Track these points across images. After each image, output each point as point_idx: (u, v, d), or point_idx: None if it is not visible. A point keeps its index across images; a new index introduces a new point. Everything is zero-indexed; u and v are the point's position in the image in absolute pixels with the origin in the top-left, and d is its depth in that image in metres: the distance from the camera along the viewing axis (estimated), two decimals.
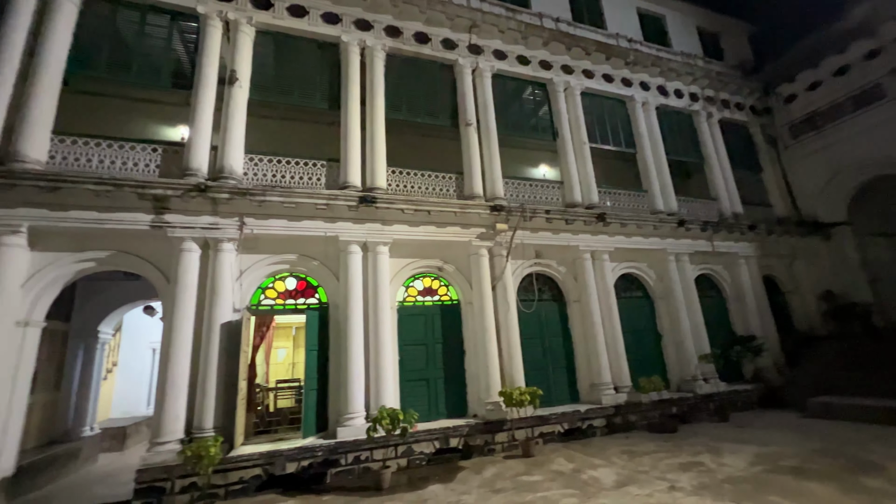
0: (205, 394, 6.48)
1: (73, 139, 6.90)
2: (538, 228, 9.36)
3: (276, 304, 7.84)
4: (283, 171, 7.94)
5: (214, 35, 7.95)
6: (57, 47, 6.94)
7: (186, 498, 5.86)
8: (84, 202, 6.50)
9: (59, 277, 6.67)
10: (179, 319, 6.64)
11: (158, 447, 6.11)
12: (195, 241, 6.97)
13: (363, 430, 6.66)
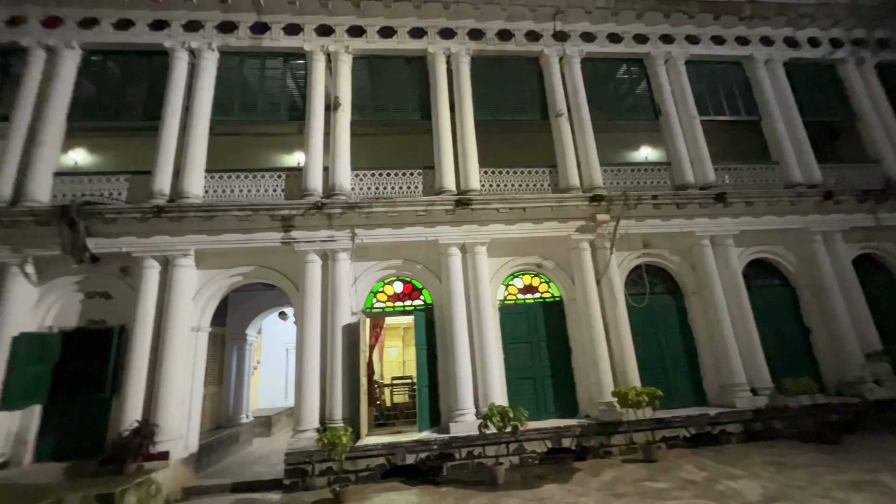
0: (333, 388, 7.27)
1: (219, 175, 8.28)
2: (645, 216, 8.67)
3: (386, 306, 8.46)
4: (385, 182, 8.54)
5: (319, 68, 8.88)
6: (204, 101, 8.43)
7: (325, 480, 6.64)
8: (231, 226, 7.76)
9: (218, 290, 8.06)
10: (308, 322, 7.55)
11: (299, 434, 7.02)
12: (316, 252, 7.86)
13: (474, 427, 6.86)
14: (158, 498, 6.25)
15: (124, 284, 7.78)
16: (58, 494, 5.39)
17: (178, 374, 7.23)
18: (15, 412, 7.03)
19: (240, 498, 6.51)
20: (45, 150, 7.84)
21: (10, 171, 7.63)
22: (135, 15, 8.70)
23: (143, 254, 7.53)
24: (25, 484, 5.98)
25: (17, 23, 8.48)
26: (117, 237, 7.58)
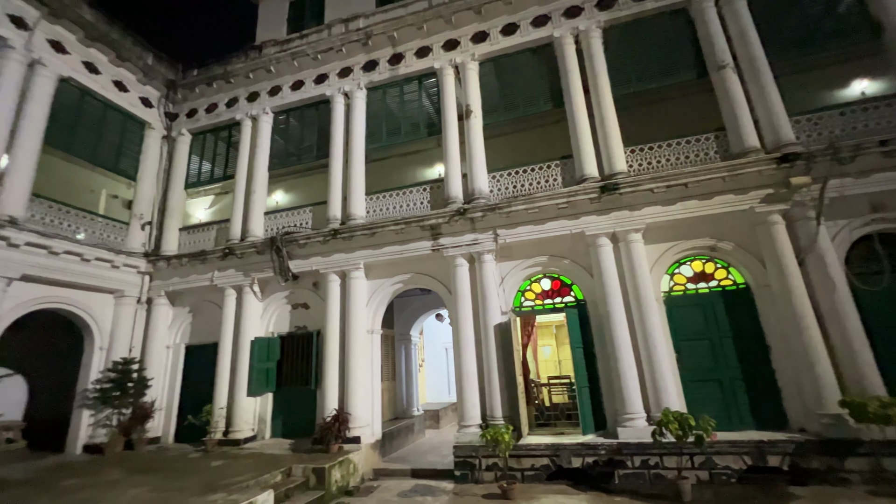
0: (490, 386, 7.47)
1: (376, 195, 9.40)
2: (868, 170, 6.57)
3: (535, 304, 8.33)
4: (522, 180, 8.46)
5: (449, 82, 9.34)
6: (358, 134, 9.75)
7: (491, 475, 6.85)
8: (389, 239, 8.73)
9: (384, 296, 9.15)
10: (462, 324, 7.94)
11: (464, 429, 7.41)
12: (463, 256, 8.24)
13: (646, 433, 6.19)
14: (356, 475, 7.36)
15: (317, 296, 9.49)
16: (288, 464, 6.83)
17: (361, 370, 8.45)
18: (257, 398, 9.23)
19: (419, 483, 7.19)
20: (256, 197, 10.13)
21: (238, 217, 10.08)
22: (304, 75, 10.59)
23: (326, 270, 9.06)
24: (268, 454, 7.76)
25: (232, 104, 11.22)
26: (308, 258, 9.29)
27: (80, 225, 9.34)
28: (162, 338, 10.23)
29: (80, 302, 9.22)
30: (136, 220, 10.54)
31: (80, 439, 8.87)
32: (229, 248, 9.72)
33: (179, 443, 9.44)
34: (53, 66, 8.97)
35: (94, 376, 9.27)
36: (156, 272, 10.46)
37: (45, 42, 8.91)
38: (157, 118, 11.40)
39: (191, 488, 5.70)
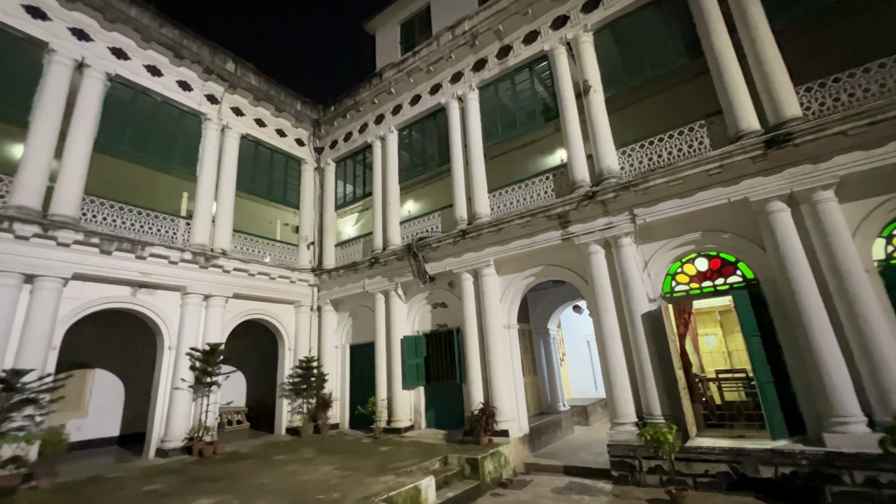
0: (644, 381, 6.80)
1: (498, 192, 9.44)
2: None
3: (690, 288, 7.30)
4: (658, 150, 7.51)
5: (562, 61, 8.86)
6: (475, 135, 9.93)
7: (656, 479, 6.22)
8: (516, 234, 8.67)
9: (517, 291, 9.12)
10: (603, 314, 7.42)
11: (617, 427, 6.90)
12: (597, 243, 7.70)
13: (869, 441, 4.87)
14: (507, 468, 7.48)
15: (453, 295, 9.97)
16: (444, 453, 7.31)
17: (502, 365, 8.57)
18: (411, 391, 10.12)
19: (573, 481, 6.95)
20: (392, 209, 11.14)
21: (379, 229, 11.22)
22: (419, 89, 11.28)
23: (459, 269, 9.45)
24: (425, 443, 8.44)
25: (363, 129, 12.57)
26: (441, 260, 9.83)
27: (265, 250, 11.59)
28: (331, 339, 12.01)
29: (272, 312, 11.43)
30: (303, 242, 12.61)
31: (283, 423, 10.98)
32: (374, 257, 10.90)
33: (353, 429, 10.93)
34: (236, 128, 11.34)
35: (287, 372, 11.37)
36: (321, 284, 12.35)
37: (229, 109, 11.32)
38: (309, 154, 13.46)
39: (367, 469, 6.54)
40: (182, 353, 9.11)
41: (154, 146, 9.77)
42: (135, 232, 8.96)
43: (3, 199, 7.39)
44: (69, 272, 7.72)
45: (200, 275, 9.69)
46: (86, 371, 10.40)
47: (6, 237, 7.12)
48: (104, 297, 8.37)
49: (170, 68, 10.16)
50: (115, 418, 10.83)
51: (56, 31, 8.41)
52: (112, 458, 9.00)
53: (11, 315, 7.06)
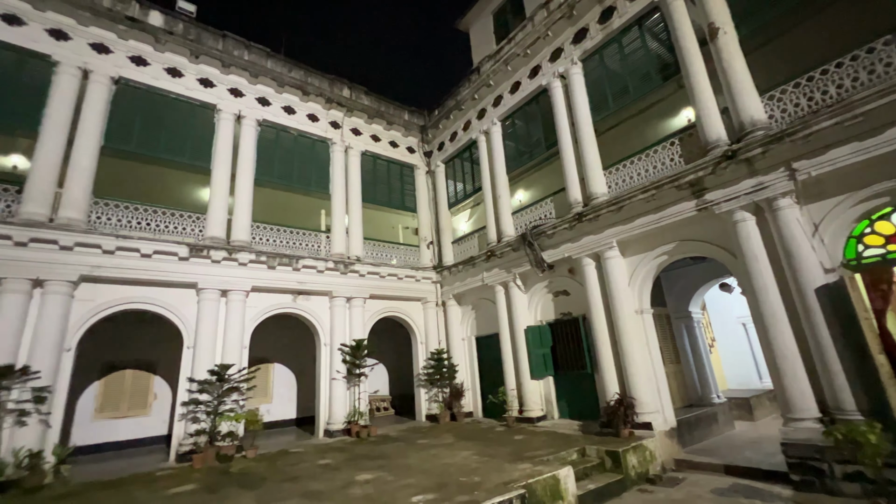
0: (826, 368, 5.61)
1: (614, 168, 8.74)
2: None
3: (887, 252, 5.76)
4: (823, 86, 6.08)
5: (678, 7, 7.74)
6: (582, 109, 9.32)
7: (855, 488, 5.10)
8: (640, 210, 7.92)
9: (648, 273, 8.33)
10: (760, 291, 6.32)
11: (793, 423, 5.83)
12: (743, 209, 6.59)
13: None
14: (654, 463, 6.91)
15: (574, 282, 9.58)
16: (580, 444, 7.10)
17: (637, 353, 7.94)
18: (540, 381, 10.05)
19: (738, 483, 6.10)
20: (502, 201, 11.17)
21: (492, 222, 11.36)
22: (518, 76, 11.06)
23: (578, 255, 9.02)
24: (560, 433, 8.31)
25: (467, 127, 12.85)
26: (558, 246, 9.52)
27: (391, 253, 12.69)
28: (457, 332, 12.59)
29: (402, 309, 12.47)
30: (422, 242, 13.47)
31: (423, 410, 11.91)
32: (490, 250, 11.07)
33: (487, 417, 11.30)
34: (357, 147, 12.64)
35: (421, 364, 12.29)
36: (443, 280, 13.03)
37: (349, 131, 12.66)
38: (420, 159, 14.29)
39: (503, 456, 6.73)
40: (335, 348, 10.55)
41: (296, 173, 11.49)
42: (290, 248, 10.68)
43: (201, 232, 9.50)
44: (249, 286, 9.59)
45: (342, 280, 11.09)
46: (268, 365, 12.76)
47: (205, 262, 9.16)
48: (273, 304, 10.16)
49: (300, 105, 11.81)
50: (291, 403, 13.08)
51: (219, 94, 10.47)
52: (292, 436, 10.90)
53: (216, 321, 9.07)
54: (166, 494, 5.80)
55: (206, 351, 8.77)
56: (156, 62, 9.75)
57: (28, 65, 8.42)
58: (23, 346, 7.15)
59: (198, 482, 6.39)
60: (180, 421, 8.26)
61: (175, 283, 8.89)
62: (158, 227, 9.06)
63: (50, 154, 8.07)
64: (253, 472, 6.81)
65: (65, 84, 8.52)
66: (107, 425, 10.23)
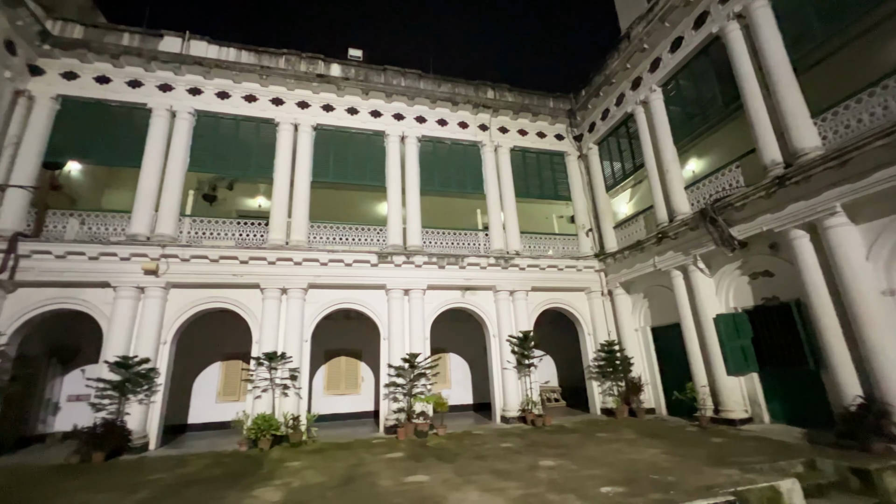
0: None
1: (829, 113, 6.89)
2: None
3: None
4: None
5: None
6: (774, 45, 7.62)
7: None
8: (878, 161, 6.07)
9: None
10: None
11: None
12: None
13: None
14: None
15: (778, 260, 7.94)
16: (807, 456, 5.86)
17: (889, 346, 6.11)
18: (739, 378, 8.64)
19: None
20: (671, 175, 9.95)
21: (660, 200, 10.24)
22: (681, 28, 9.72)
23: (783, 227, 7.43)
24: (775, 440, 7.00)
25: (620, 101, 11.86)
26: (752, 219, 8.01)
27: (547, 245, 12.63)
28: (628, 322, 11.74)
29: (565, 300, 12.27)
30: (580, 231, 12.98)
31: (597, 403, 11.50)
32: (661, 232, 10.00)
33: (672, 415, 10.24)
34: (505, 144, 12.98)
35: (591, 355, 11.88)
36: (607, 268, 12.32)
37: (496, 131, 13.08)
38: (570, 145, 13.80)
39: (699, 457, 6.06)
40: (503, 339, 11.09)
41: (453, 179, 12.47)
42: (454, 249, 11.66)
43: (384, 241, 11.19)
44: (425, 284, 10.88)
45: (503, 274, 11.57)
46: (445, 354, 14.16)
47: (389, 266, 10.74)
48: (446, 300, 11.26)
49: (451, 116, 12.76)
50: (467, 390, 14.22)
51: (386, 121, 12.13)
52: (471, 419, 11.86)
53: (402, 316, 10.57)
54: (384, 458, 7.10)
55: (398, 342, 10.31)
56: (339, 106, 11.89)
57: (261, 128, 11.30)
58: (279, 337, 9.68)
59: (404, 451, 7.60)
60: (384, 400, 9.92)
61: (369, 286, 10.71)
62: (354, 241, 11.04)
63: (280, 193, 10.67)
64: (446, 448, 7.74)
65: (284, 138, 11.14)
66: (332, 400, 12.94)
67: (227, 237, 10.31)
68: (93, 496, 5.38)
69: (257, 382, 9.19)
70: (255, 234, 10.49)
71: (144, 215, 9.63)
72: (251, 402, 9.14)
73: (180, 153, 10.32)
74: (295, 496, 5.11)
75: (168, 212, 9.83)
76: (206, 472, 6.55)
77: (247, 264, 9.87)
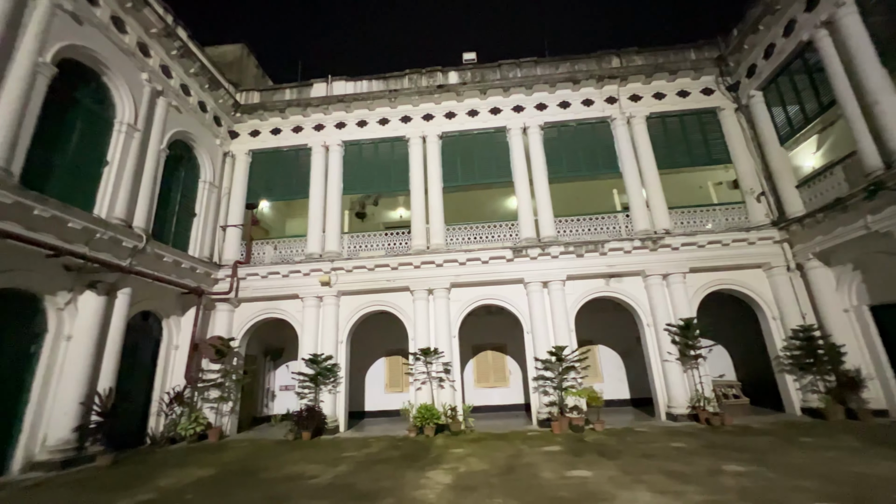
0: None
1: None
2: None
3: None
4: None
5: None
6: None
7: None
8: None
9: None
10: None
11: None
12: None
13: None
14: None
15: None
16: None
17: None
18: None
19: None
20: (881, 107, 7.62)
21: (867, 141, 7.93)
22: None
23: None
24: None
25: (789, 29, 9.58)
26: None
27: (704, 218, 10.93)
28: (832, 302, 9.37)
29: (737, 280, 10.44)
30: (748, 196, 10.88)
31: (795, 401, 9.47)
32: (874, 182, 7.71)
33: None
34: (639, 113, 11.71)
35: (779, 344, 9.86)
36: (791, 237, 10.08)
37: (626, 100, 11.88)
38: (722, 98, 11.71)
39: None
40: (659, 328, 10.01)
41: (583, 161, 11.76)
42: (592, 235, 11.01)
43: (516, 235, 11.19)
44: (564, 275, 10.53)
45: (652, 257, 10.44)
46: (593, 346, 13.44)
47: (525, 259, 10.69)
48: (588, 290, 10.69)
49: (573, 96, 12.08)
50: (622, 383, 13.22)
51: (506, 116, 12.13)
52: (629, 415, 10.98)
53: (543, 309, 10.42)
54: (541, 450, 7.10)
55: (541, 335, 10.19)
56: (460, 111, 12.36)
57: (395, 146, 12.45)
58: (430, 334, 10.51)
59: (561, 445, 7.48)
60: (534, 393, 9.92)
61: (507, 281, 10.84)
62: (488, 238, 11.33)
63: (417, 202, 11.59)
64: (606, 444, 7.35)
65: (415, 152, 12.07)
66: (483, 392, 13.47)
67: (377, 248, 11.67)
68: (309, 466, 6.67)
69: (416, 375, 10.15)
70: (400, 242, 11.62)
71: (315, 237, 11.54)
72: (413, 394, 10.14)
73: (336, 181, 12.08)
74: (463, 480, 5.49)
75: (332, 231, 11.60)
76: (386, 452, 7.52)
77: (396, 270, 10.99)
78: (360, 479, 5.78)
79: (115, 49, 8.75)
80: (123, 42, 8.99)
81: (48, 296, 7.37)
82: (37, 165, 7.05)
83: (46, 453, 6.93)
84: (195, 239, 10.94)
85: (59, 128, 7.62)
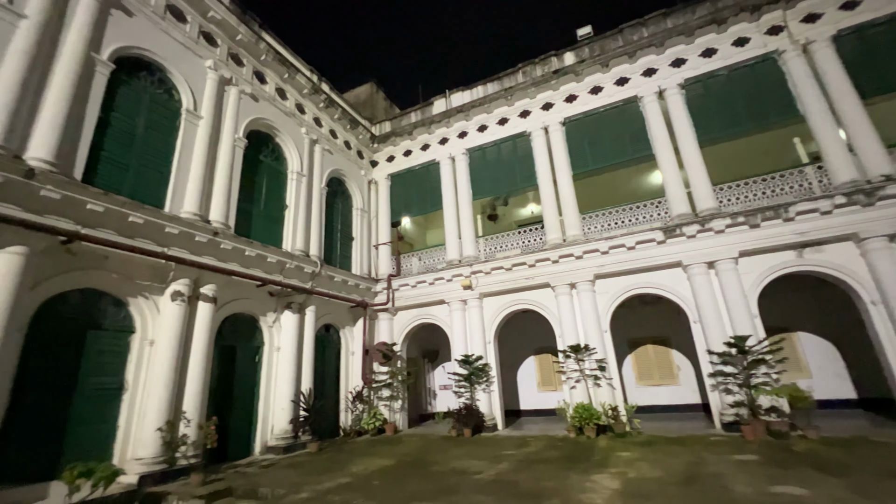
0: None
1: None
2: None
3: None
4: None
5: None
6: None
7: None
8: None
9: None
10: None
11: None
12: None
13: None
14: None
15: None
16: None
17: None
18: None
19: None
20: None
21: None
22: None
23: None
24: None
25: None
26: None
27: None
28: None
29: None
30: None
31: None
32: None
33: None
34: (823, 31, 9.17)
35: None
36: None
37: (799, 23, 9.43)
38: None
39: None
40: (893, 307, 7.58)
41: (743, 113, 9.72)
42: (769, 199, 9.03)
43: (666, 214, 9.89)
44: (734, 252, 8.86)
45: (866, 214, 8.01)
46: (789, 334, 10.93)
47: (680, 239, 9.35)
48: (771, 266, 8.75)
49: (719, 40, 10.16)
50: (841, 379, 10.40)
51: (635, 84, 10.89)
52: (860, 420, 8.55)
53: (712, 294, 8.93)
54: (730, 459, 6.06)
55: (714, 324, 8.73)
56: (581, 91, 11.59)
57: (517, 143, 12.32)
58: (578, 330, 10.01)
59: (757, 454, 6.25)
60: (713, 391, 8.54)
61: (660, 266, 9.64)
62: (630, 222, 10.29)
63: (547, 195, 11.23)
64: (825, 456, 5.87)
65: (538, 143, 11.75)
66: (647, 391, 12.18)
67: (513, 247, 11.68)
68: (473, 462, 7.01)
69: (569, 373, 9.76)
70: (535, 239, 11.41)
71: (453, 244, 12.17)
72: (567, 392, 9.76)
73: (465, 188, 12.57)
74: (633, 487, 5.04)
75: (468, 237, 12.07)
76: (545, 452, 7.40)
77: (534, 267, 10.81)
78: (522, 477, 5.81)
79: (281, 114, 10.81)
80: (286, 107, 11.05)
81: (261, 316, 9.43)
82: (241, 216, 9.14)
83: (275, 440, 8.83)
84: (355, 259, 12.67)
85: (251, 183, 9.75)
